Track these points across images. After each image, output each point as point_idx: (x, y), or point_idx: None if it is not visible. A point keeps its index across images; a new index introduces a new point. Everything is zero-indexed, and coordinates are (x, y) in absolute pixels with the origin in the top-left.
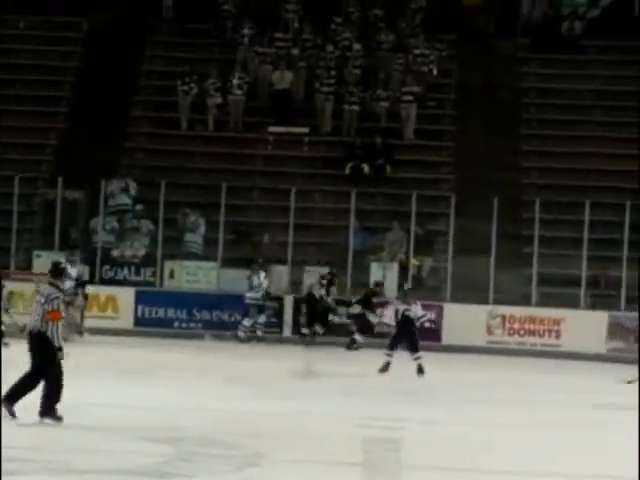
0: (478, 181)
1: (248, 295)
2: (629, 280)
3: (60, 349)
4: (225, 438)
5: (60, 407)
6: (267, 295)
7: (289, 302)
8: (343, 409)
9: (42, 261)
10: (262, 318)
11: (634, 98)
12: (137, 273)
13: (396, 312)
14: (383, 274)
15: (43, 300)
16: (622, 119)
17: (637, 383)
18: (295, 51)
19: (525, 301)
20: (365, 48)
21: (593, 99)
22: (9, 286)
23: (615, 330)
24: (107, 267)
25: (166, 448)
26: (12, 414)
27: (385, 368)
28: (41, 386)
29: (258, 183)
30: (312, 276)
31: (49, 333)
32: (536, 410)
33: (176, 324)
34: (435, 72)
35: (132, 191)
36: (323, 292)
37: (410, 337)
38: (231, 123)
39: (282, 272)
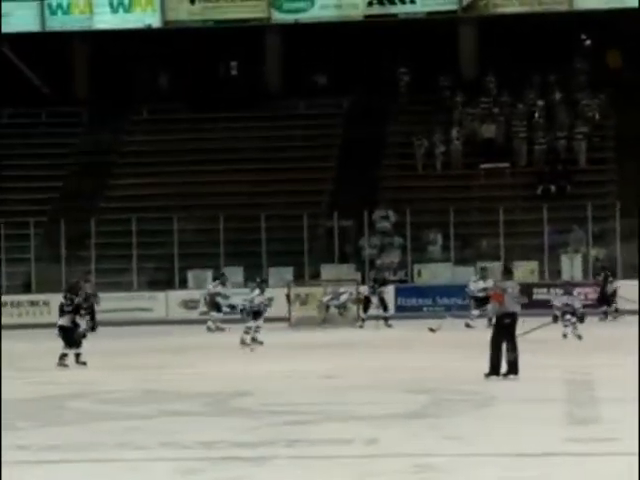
0: (636, 191)
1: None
2: None
3: None
4: (462, 387)
5: None
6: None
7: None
8: None
9: (326, 271)
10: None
11: None
12: (394, 274)
13: None
14: (570, 263)
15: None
16: None
17: None
18: (496, 110)
19: None
20: (545, 104)
21: None
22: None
23: None
24: (372, 272)
25: (424, 397)
26: None
27: None
28: None
29: (476, 205)
30: (520, 269)
31: None
32: None
33: (425, 309)
34: (597, 117)
35: (391, 218)
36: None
37: None
38: (453, 164)
39: (495, 267)
